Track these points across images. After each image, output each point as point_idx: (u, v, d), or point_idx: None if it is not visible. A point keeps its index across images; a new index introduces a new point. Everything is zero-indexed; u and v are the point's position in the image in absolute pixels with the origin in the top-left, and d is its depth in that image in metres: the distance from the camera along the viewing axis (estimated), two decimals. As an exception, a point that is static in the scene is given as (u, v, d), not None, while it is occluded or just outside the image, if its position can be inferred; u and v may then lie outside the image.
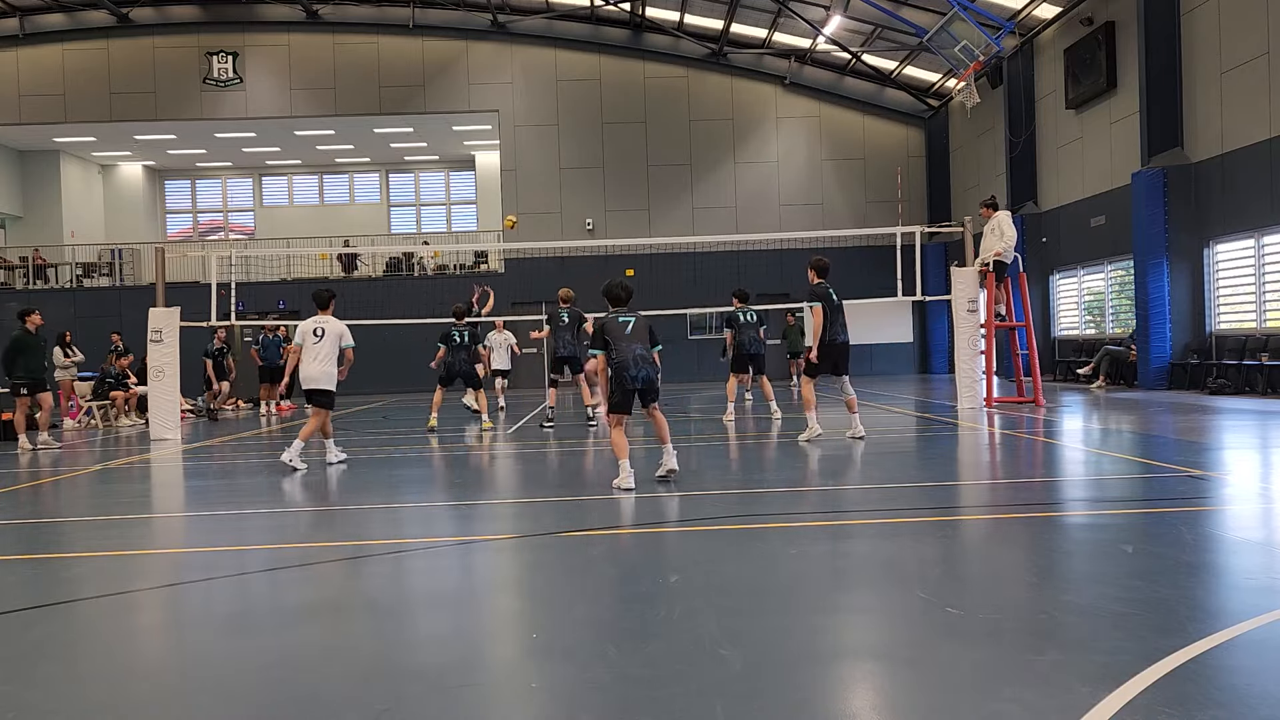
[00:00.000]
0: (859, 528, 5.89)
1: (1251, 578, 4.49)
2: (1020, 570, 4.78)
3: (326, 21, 28.76)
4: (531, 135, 29.11)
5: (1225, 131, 16.66)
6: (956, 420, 12.91)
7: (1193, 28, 17.48)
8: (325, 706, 3.22)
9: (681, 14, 27.75)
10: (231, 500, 8.12)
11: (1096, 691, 3.01)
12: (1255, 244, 16.21)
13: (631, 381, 7.86)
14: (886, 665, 3.49)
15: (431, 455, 11.18)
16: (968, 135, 27.35)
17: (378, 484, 8.84)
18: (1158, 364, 17.68)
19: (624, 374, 7.85)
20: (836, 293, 10.83)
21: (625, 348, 7.86)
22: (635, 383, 7.87)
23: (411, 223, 34.97)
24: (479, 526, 6.65)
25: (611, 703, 3.14)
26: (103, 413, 18.12)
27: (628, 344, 7.87)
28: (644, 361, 7.91)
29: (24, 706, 3.31)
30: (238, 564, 5.62)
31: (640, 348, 7.92)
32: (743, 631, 3.85)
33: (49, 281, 29.53)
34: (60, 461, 11.84)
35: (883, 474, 8.39)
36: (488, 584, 5.15)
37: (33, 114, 28.48)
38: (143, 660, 3.96)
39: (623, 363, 7.84)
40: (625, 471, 7.65)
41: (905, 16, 23.41)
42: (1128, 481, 7.52)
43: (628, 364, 7.84)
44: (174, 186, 35.28)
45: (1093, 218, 20.99)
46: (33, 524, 7.35)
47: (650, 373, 7.95)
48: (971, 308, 15.07)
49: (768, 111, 29.45)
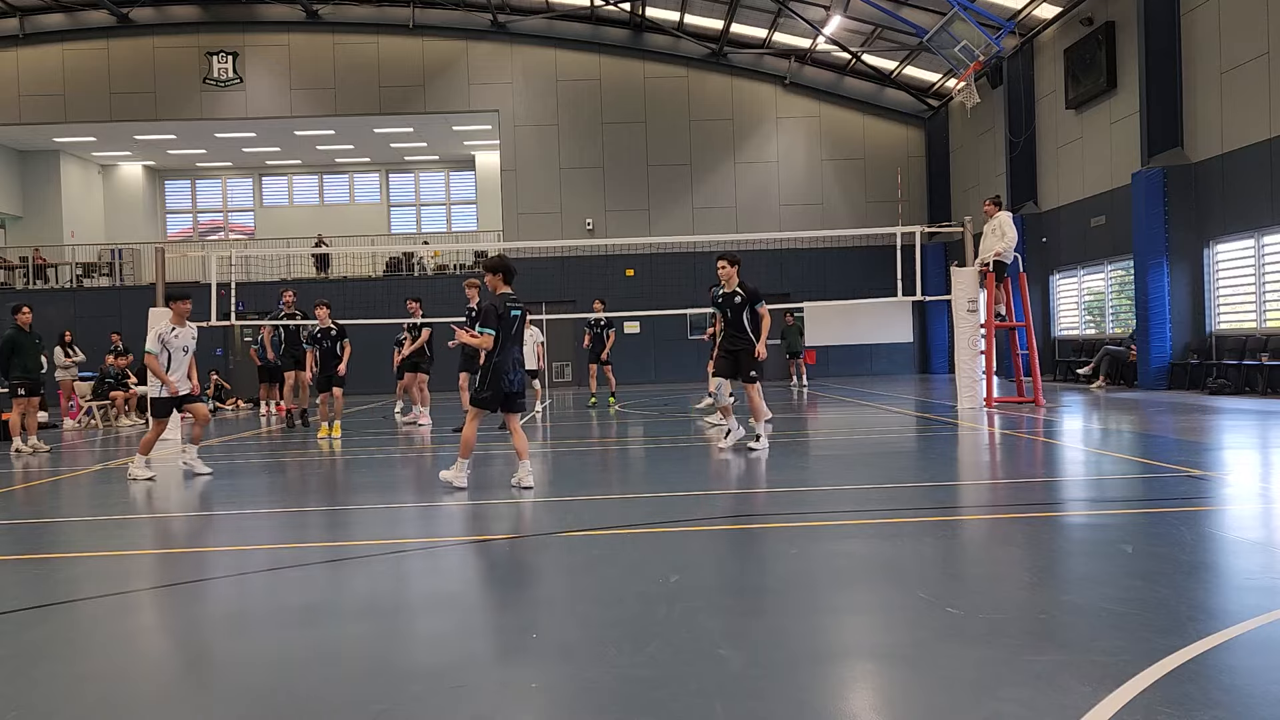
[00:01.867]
0: (859, 528, 5.89)
1: (1251, 578, 4.49)
2: (1020, 570, 4.78)
3: (326, 21, 28.76)
4: (531, 135, 29.11)
5: (1225, 131, 16.66)
6: (956, 420, 12.90)
7: (1193, 28, 17.48)
8: (325, 706, 3.22)
9: (681, 14, 27.76)
10: (232, 500, 8.12)
11: (1096, 691, 3.01)
12: (1255, 244, 16.21)
13: (508, 384, 7.82)
14: (886, 665, 3.49)
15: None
16: (968, 135, 27.35)
17: (378, 484, 8.83)
18: (1158, 364, 17.68)
19: (502, 376, 7.80)
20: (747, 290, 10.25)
21: (509, 348, 7.84)
22: (511, 385, 7.84)
23: (411, 223, 34.98)
24: (479, 526, 6.65)
25: (611, 703, 3.14)
26: (103, 413, 18.12)
27: (511, 344, 7.85)
28: (520, 365, 7.94)
29: (24, 706, 3.31)
30: (238, 564, 5.62)
31: (518, 350, 7.93)
32: (743, 631, 3.85)
33: (49, 281, 29.54)
34: (59, 462, 11.83)
35: (883, 474, 8.38)
36: (487, 583, 5.14)
37: (33, 114, 28.49)
38: (143, 660, 3.96)
39: (503, 363, 7.80)
40: (463, 470, 7.79)
41: (905, 16, 23.41)
42: (1128, 481, 7.52)
43: (507, 367, 7.82)
44: (174, 186, 35.28)
45: (1093, 218, 20.99)
46: (32, 524, 7.35)
47: (523, 377, 8.00)
48: (971, 308, 15.07)
49: (768, 111, 29.45)
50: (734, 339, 9.99)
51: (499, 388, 7.78)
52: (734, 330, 9.98)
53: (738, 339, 9.97)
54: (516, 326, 7.87)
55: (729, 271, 9.88)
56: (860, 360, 29.14)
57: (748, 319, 9.94)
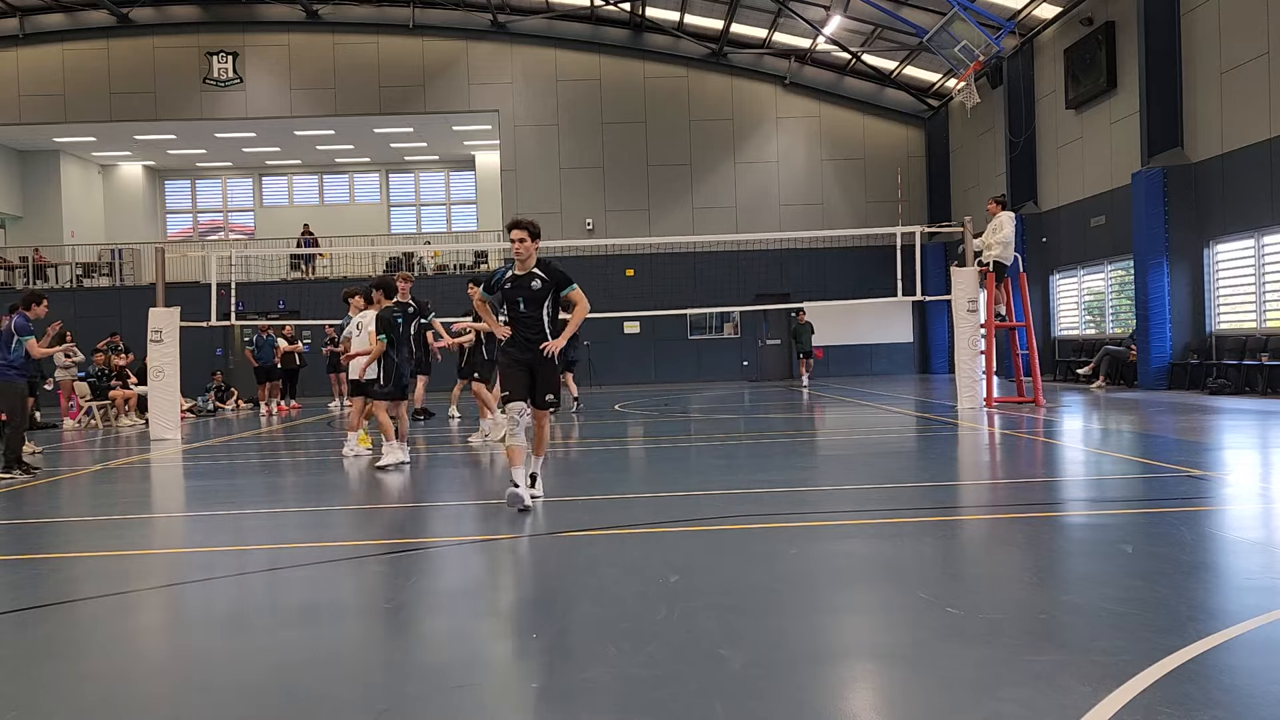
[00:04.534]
0: (859, 528, 5.89)
1: (1251, 578, 4.49)
2: (1020, 570, 4.78)
3: (326, 21, 28.75)
4: (531, 135, 29.11)
5: (1225, 131, 16.65)
6: (956, 420, 12.90)
7: (1193, 28, 17.47)
8: (325, 706, 3.22)
9: (681, 14, 27.75)
10: (232, 500, 8.12)
11: (1096, 691, 3.01)
12: (1255, 244, 16.21)
13: (400, 378, 9.99)
14: (886, 665, 3.49)
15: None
16: (968, 135, 27.34)
17: (377, 484, 8.83)
18: (1158, 364, 17.68)
19: (401, 370, 10.02)
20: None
21: (401, 349, 10.00)
22: (405, 378, 10.10)
23: (411, 223, 34.97)
24: (478, 526, 6.65)
25: (611, 703, 3.14)
26: (102, 413, 18.12)
27: (401, 345, 10.00)
28: (408, 363, 10.25)
29: (24, 706, 3.31)
30: (238, 564, 5.62)
31: (407, 349, 10.13)
32: (743, 631, 3.85)
33: (49, 281, 29.53)
34: (59, 462, 11.83)
35: (883, 474, 8.38)
36: (487, 584, 5.15)
37: (33, 114, 28.48)
38: (143, 660, 3.96)
39: (402, 362, 10.02)
40: (394, 448, 9.59)
41: (905, 16, 23.41)
42: (1128, 481, 7.52)
43: (403, 362, 10.04)
44: (174, 186, 35.26)
45: (1093, 218, 20.98)
46: (32, 524, 7.35)
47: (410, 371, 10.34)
48: (971, 308, 15.08)
49: (768, 111, 29.44)
50: (528, 343, 6.93)
51: (399, 382, 10.01)
52: (529, 331, 6.91)
53: (532, 343, 6.93)
54: (401, 329, 10.02)
55: (528, 246, 6.91)
56: (860, 360, 29.13)
57: (549, 313, 6.98)
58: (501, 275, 7.08)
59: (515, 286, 6.99)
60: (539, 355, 6.92)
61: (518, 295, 6.98)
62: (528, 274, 6.99)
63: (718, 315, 28.80)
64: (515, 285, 6.99)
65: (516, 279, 7.00)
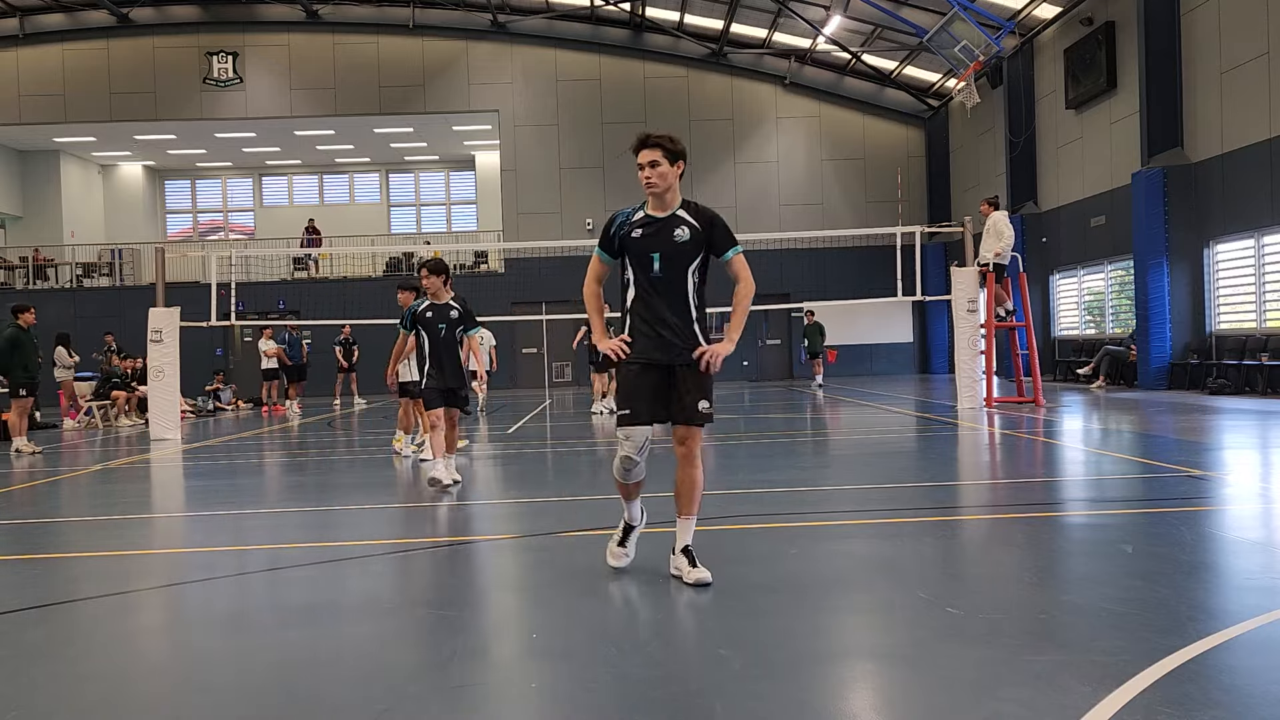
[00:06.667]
0: (859, 528, 5.89)
1: (1251, 578, 4.49)
2: (1020, 570, 4.78)
3: (326, 21, 28.76)
4: (531, 135, 29.11)
5: (1225, 131, 16.66)
6: (956, 420, 12.90)
7: (1193, 28, 17.48)
8: (325, 706, 3.22)
9: (681, 14, 27.75)
10: (232, 500, 8.12)
11: (1096, 691, 3.01)
12: (1255, 244, 16.21)
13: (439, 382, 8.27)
14: (886, 665, 3.49)
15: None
16: (968, 135, 27.35)
17: (377, 484, 8.83)
18: (1158, 364, 17.68)
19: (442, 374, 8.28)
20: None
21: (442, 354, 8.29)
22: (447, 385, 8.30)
23: (411, 223, 34.96)
24: (477, 526, 6.65)
25: (611, 703, 3.14)
26: (103, 413, 18.12)
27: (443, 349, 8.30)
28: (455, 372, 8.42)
29: (24, 706, 3.31)
30: (238, 564, 5.62)
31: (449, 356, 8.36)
32: (743, 631, 3.85)
33: (49, 281, 29.53)
34: (59, 462, 11.83)
35: (883, 474, 8.38)
36: (487, 583, 5.14)
37: (33, 114, 28.49)
38: (143, 660, 3.96)
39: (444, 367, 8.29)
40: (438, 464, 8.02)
41: (905, 16, 23.41)
42: (1128, 481, 7.52)
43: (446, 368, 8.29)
44: (174, 186, 35.27)
45: (1093, 218, 20.99)
46: (32, 524, 7.35)
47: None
48: (971, 308, 15.08)
49: (768, 111, 29.45)
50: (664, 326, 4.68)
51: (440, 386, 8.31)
52: (666, 309, 4.66)
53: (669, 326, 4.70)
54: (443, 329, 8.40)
55: (666, 174, 4.56)
56: (860, 360, 29.13)
57: (694, 282, 4.79)
58: (625, 219, 4.69)
59: (648, 235, 4.60)
60: (679, 350, 4.61)
61: (651, 249, 4.58)
62: (669, 217, 4.62)
63: (718, 315, 28.77)
64: (648, 233, 4.60)
65: (650, 223, 4.62)
